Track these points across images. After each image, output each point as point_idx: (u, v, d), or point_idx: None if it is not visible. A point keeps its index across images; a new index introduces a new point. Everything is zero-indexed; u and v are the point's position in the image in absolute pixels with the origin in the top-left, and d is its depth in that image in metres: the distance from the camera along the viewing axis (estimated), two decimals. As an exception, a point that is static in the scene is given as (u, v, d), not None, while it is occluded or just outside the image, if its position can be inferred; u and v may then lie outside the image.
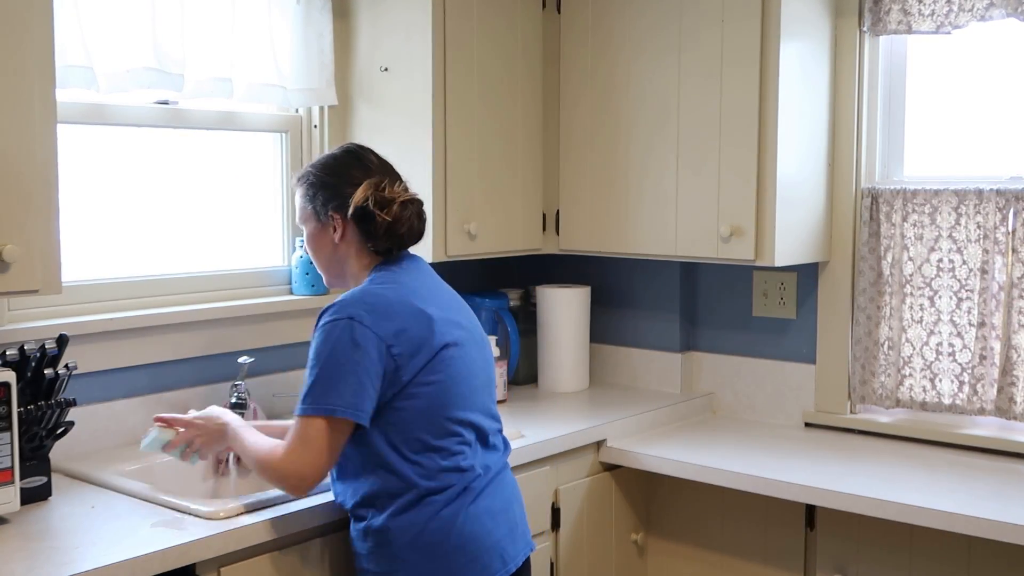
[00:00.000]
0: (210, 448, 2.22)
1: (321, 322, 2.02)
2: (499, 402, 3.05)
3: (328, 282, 2.26)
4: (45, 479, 2.16)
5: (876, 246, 2.96)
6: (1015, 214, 2.74)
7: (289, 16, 2.85)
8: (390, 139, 2.93)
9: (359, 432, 1.99)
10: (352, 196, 2.10)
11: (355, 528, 2.06)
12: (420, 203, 2.16)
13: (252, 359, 2.71)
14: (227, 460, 2.58)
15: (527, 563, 2.15)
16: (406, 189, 2.16)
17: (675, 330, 3.35)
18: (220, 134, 2.87)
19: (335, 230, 2.14)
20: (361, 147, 2.25)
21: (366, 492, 2.02)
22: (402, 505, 1.99)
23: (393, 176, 2.18)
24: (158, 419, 2.24)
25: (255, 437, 2.10)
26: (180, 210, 2.79)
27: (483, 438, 2.12)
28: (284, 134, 3.00)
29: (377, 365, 1.96)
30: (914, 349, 2.92)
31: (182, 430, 2.22)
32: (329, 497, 2.15)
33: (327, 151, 2.31)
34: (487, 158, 3.00)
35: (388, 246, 2.11)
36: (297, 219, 2.25)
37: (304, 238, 2.24)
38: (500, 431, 2.20)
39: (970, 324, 2.83)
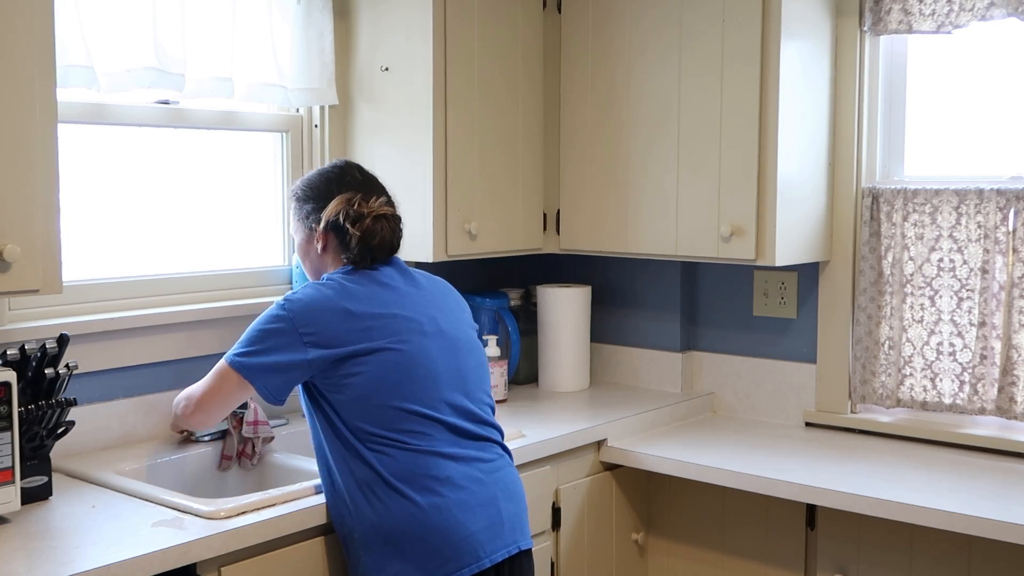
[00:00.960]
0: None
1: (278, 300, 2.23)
2: (500, 401, 3.08)
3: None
4: (46, 479, 2.16)
5: (877, 246, 2.96)
6: (1016, 214, 2.74)
7: (290, 16, 2.85)
8: (391, 139, 2.93)
9: (328, 421, 2.13)
10: (330, 212, 2.27)
11: (333, 515, 2.13)
12: (397, 219, 2.31)
13: None
14: (232, 456, 2.60)
15: (515, 560, 2.16)
16: (386, 203, 2.31)
17: (675, 330, 3.35)
18: (221, 134, 2.87)
19: (317, 241, 2.30)
20: (348, 164, 2.41)
21: (339, 482, 2.11)
22: (369, 495, 2.07)
23: (372, 191, 2.32)
24: None
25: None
26: (181, 210, 2.79)
27: (453, 429, 2.16)
28: (285, 134, 3.01)
29: (291, 350, 2.12)
30: (915, 349, 2.92)
31: None
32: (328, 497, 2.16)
33: (319, 167, 2.47)
34: (488, 158, 3.00)
35: (363, 257, 2.25)
36: (291, 229, 2.43)
37: (295, 246, 2.41)
38: (485, 423, 2.24)
39: (971, 324, 2.82)
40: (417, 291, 2.28)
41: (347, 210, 2.24)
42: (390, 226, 2.27)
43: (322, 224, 2.26)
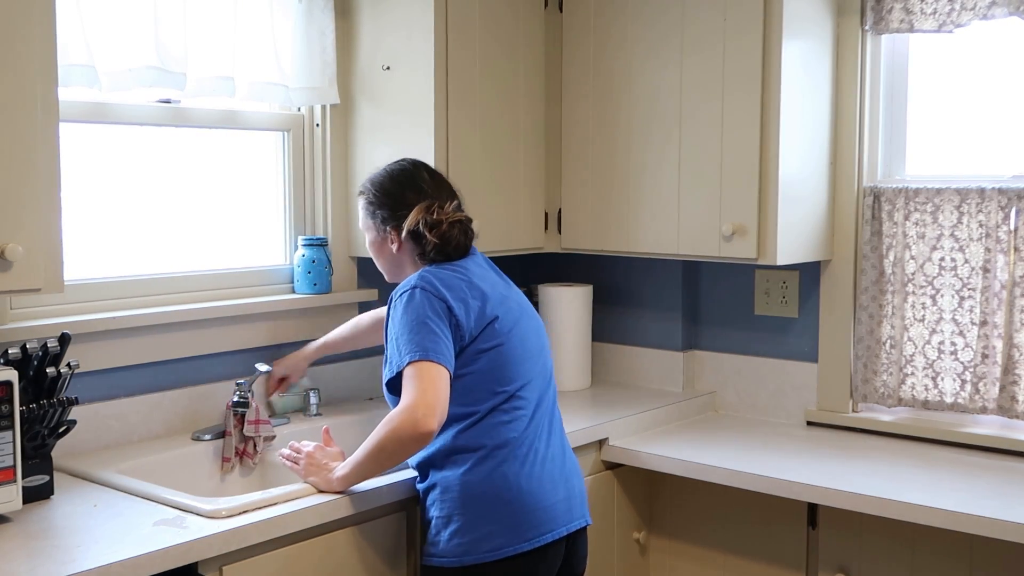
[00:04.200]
0: (308, 474, 2.26)
1: (394, 299, 2.24)
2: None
3: (389, 278, 2.48)
4: (47, 478, 2.16)
5: (878, 245, 2.96)
6: (1017, 213, 2.74)
7: (291, 15, 2.85)
8: (392, 138, 2.93)
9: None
10: (405, 217, 2.33)
11: (426, 481, 2.24)
12: (468, 221, 2.38)
13: (270, 369, 2.73)
14: (231, 458, 2.60)
15: (582, 533, 2.35)
16: (457, 207, 2.38)
17: (677, 329, 3.35)
18: (222, 133, 2.87)
19: (392, 242, 2.38)
20: (415, 166, 2.45)
21: (437, 447, 2.21)
22: (468, 460, 2.19)
23: (445, 195, 2.39)
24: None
25: (361, 448, 2.19)
26: (182, 209, 2.79)
27: (538, 406, 2.30)
28: (286, 133, 3.01)
29: (445, 323, 2.18)
30: (916, 348, 2.92)
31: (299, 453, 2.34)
32: (329, 496, 2.16)
33: (384, 167, 2.45)
34: (489, 157, 3.00)
35: (439, 259, 2.33)
36: (360, 225, 2.48)
37: (367, 242, 2.47)
38: (554, 401, 2.40)
39: (972, 323, 2.82)
40: (496, 278, 2.38)
41: (426, 218, 2.31)
42: (463, 229, 2.34)
43: (403, 233, 2.33)
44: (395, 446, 2.10)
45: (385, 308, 2.32)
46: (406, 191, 2.37)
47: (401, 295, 2.23)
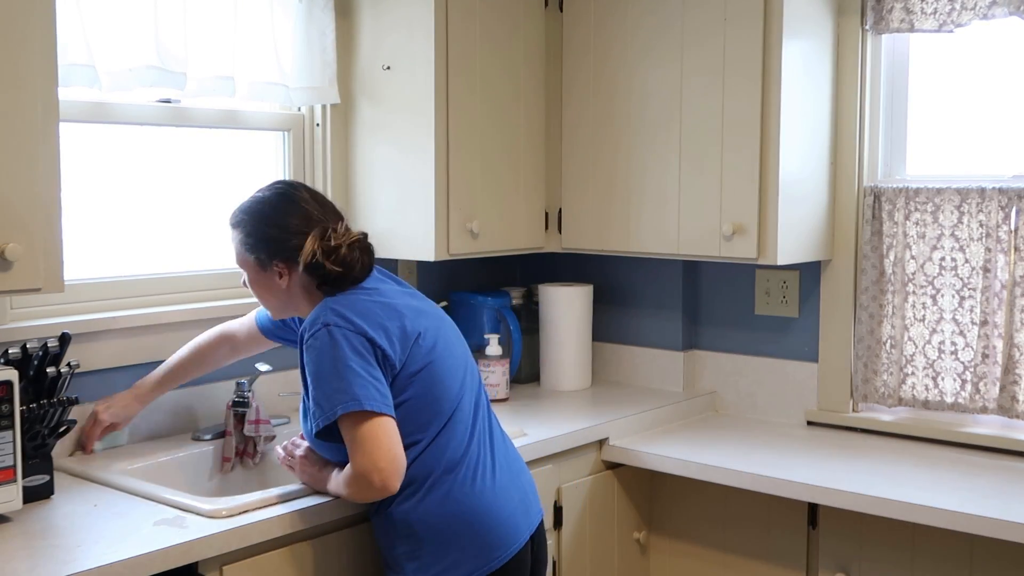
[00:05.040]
0: (304, 475, 2.21)
1: (305, 343, 2.05)
2: (501, 400, 3.08)
3: (277, 315, 2.30)
4: (47, 477, 2.16)
5: (878, 244, 2.96)
6: (1017, 212, 2.74)
7: (291, 14, 2.85)
8: (392, 138, 2.93)
9: None
10: (298, 249, 2.11)
11: (377, 515, 2.11)
12: (364, 237, 2.16)
13: (271, 368, 2.72)
14: (231, 459, 2.60)
15: (540, 528, 2.24)
16: (347, 228, 2.17)
17: (677, 328, 3.35)
18: (222, 132, 2.87)
19: (281, 276, 2.16)
20: (293, 187, 2.22)
21: None
22: (418, 490, 2.06)
23: (331, 216, 2.18)
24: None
25: (340, 480, 2.10)
26: (182, 209, 2.79)
27: (475, 414, 2.17)
28: (286, 133, 3.01)
29: (371, 359, 2.01)
30: (916, 348, 2.92)
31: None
32: (329, 497, 2.15)
33: (258, 192, 2.24)
34: (489, 156, 3.00)
35: (345, 287, 2.12)
36: (235, 260, 2.24)
37: (246, 280, 2.24)
38: (487, 403, 2.25)
39: (972, 323, 2.82)
40: (398, 288, 2.23)
41: (323, 246, 2.09)
42: (363, 247, 2.14)
43: (299, 266, 2.11)
44: (360, 500, 2.07)
45: (230, 322, 2.16)
46: (290, 218, 2.13)
47: (311, 337, 2.01)
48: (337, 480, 2.10)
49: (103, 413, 2.45)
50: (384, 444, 1.97)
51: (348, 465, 2.03)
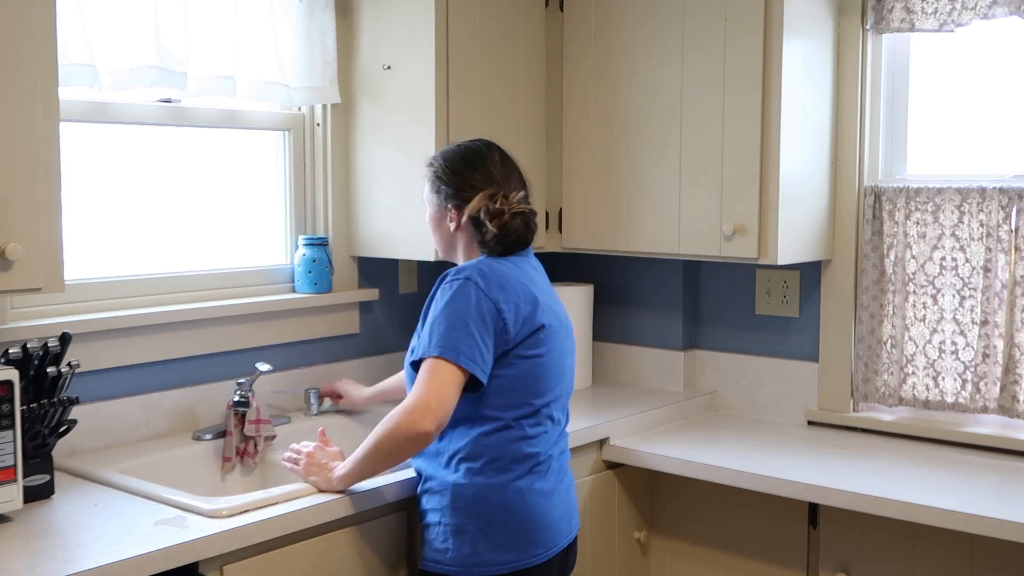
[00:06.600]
0: (308, 474, 2.25)
1: (445, 281, 2.17)
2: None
3: (441, 254, 2.42)
4: (48, 477, 2.16)
5: (879, 244, 2.96)
6: (1018, 212, 2.74)
7: (292, 14, 2.85)
8: (392, 137, 2.93)
9: (465, 391, 2.11)
10: (468, 200, 2.25)
11: (433, 483, 2.19)
12: (532, 214, 2.29)
13: (271, 368, 2.72)
14: (232, 458, 2.60)
15: (576, 541, 2.34)
16: (524, 199, 2.29)
17: (678, 328, 3.35)
18: (223, 132, 2.87)
19: (451, 220, 2.30)
20: (489, 147, 2.35)
21: (453, 448, 2.17)
22: (484, 466, 2.14)
23: (513, 183, 2.30)
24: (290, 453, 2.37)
25: (360, 447, 2.17)
26: (183, 208, 2.79)
27: (557, 421, 2.27)
28: (287, 132, 3.01)
29: (489, 326, 2.12)
30: (917, 347, 2.92)
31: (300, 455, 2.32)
32: (330, 496, 2.16)
33: (459, 143, 2.37)
34: (490, 156, 2.99)
35: (497, 250, 2.25)
36: (423, 196, 2.38)
37: (426, 215, 2.38)
38: (567, 415, 2.35)
39: (973, 322, 2.82)
40: (546, 284, 2.32)
41: (488, 206, 2.23)
42: (525, 221, 2.27)
43: (464, 217, 2.25)
44: (391, 445, 2.09)
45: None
46: (474, 172, 2.28)
47: (452, 281, 2.15)
48: (365, 443, 2.13)
49: (345, 385, 2.86)
50: (445, 390, 2.06)
51: (389, 415, 2.09)
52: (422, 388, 2.06)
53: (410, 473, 2.29)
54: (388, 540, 2.29)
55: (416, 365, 2.13)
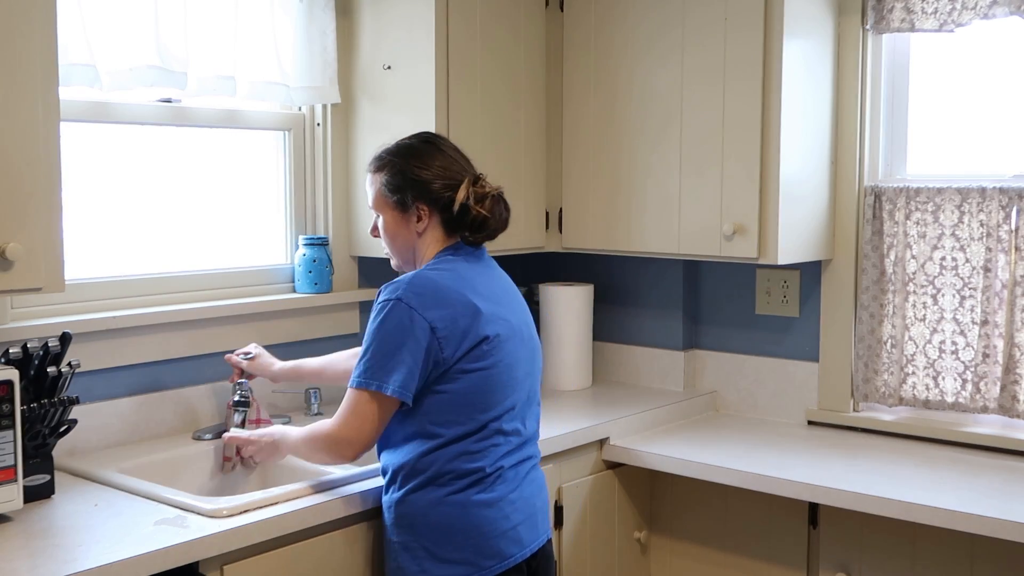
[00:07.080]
0: (262, 457, 2.36)
1: (378, 300, 2.11)
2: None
3: (397, 266, 2.31)
4: (48, 477, 2.16)
5: (879, 244, 2.96)
6: (1018, 212, 2.74)
7: (292, 14, 2.85)
8: (393, 137, 2.91)
9: (402, 408, 2.10)
10: (441, 192, 2.16)
11: (384, 498, 2.17)
12: (502, 193, 2.23)
13: (260, 346, 2.72)
14: (233, 459, 2.60)
15: (547, 546, 2.26)
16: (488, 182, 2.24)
17: (678, 328, 3.35)
18: (223, 132, 2.87)
19: (419, 220, 2.20)
20: (437, 136, 2.30)
21: (396, 465, 2.13)
22: (422, 482, 2.09)
23: (471, 167, 2.24)
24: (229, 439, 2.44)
25: (299, 429, 2.24)
26: (183, 208, 2.79)
27: (515, 433, 2.18)
28: (287, 132, 3.01)
29: (422, 346, 2.05)
30: (917, 347, 2.92)
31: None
32: (330, 496, 2.16)
33: (401, 140, 2.28)
34: (490, 156, 2.99)
35: (475, 239, 2.20)
36: (370, 204, 2.28)
37: (379, 224, 2.27)
38: (534, 423, 2.28)
39: (973, 322, 2.82)
40: (495, 277, 2.25)
41: (475, 192, 2.16)
42: (505, 205, 2.23)
43: (456, 206, 2.15)
44: (317, 459, 2.23)
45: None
46: (436, 163, 2.18)
47: (384, 302, 2.08)
48: (301, 433, 2.21)
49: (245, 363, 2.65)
50: (366, 423, 2.07)
51: (325, 421, 2.14)
52: (342, 420, 2.09)
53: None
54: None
55: None
